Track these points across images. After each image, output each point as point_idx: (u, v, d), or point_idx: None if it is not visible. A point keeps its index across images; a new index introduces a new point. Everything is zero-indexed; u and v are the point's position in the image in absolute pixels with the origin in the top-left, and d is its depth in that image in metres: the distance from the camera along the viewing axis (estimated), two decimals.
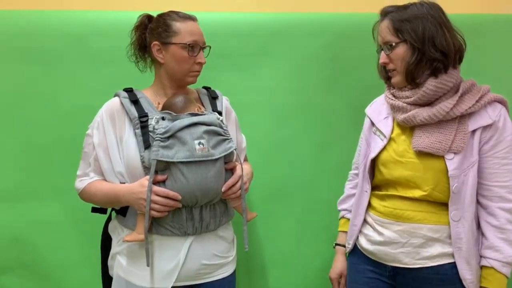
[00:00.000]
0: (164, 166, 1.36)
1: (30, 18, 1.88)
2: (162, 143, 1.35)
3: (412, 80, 1.36)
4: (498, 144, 1.32)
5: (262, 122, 1.93)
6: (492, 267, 1.31)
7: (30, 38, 1.85)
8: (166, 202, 1.34)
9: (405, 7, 1.38)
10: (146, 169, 1.37)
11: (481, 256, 1.34)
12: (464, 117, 1.33)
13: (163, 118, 1.39)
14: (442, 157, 1.32)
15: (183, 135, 1.36)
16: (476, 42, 1.92)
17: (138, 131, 1.38)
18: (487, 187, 1.34)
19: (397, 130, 1.45)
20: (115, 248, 1.47)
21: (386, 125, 1.46)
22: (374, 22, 1.45)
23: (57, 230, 1.85)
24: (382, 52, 1.40)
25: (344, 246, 1.59)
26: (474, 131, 1.33)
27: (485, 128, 1.33)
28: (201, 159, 1.35)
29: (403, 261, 1.37)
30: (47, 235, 1.84)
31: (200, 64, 1.49)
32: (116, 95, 1.49)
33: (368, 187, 1.48)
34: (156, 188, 1.34)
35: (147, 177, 1.35)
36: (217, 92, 1.62)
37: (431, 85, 1.33)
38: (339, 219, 1.65)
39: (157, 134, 1.36)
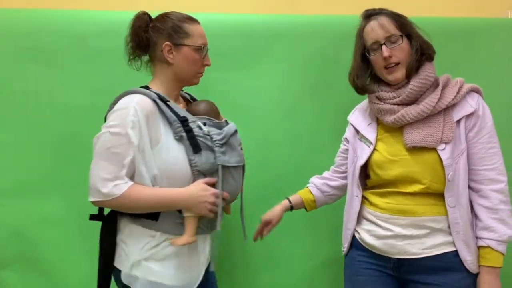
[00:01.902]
0: (214, 170, 1.40)
1: (31, 17, 1.89)
2: (221, 149, 1.41)
3: (411, 72, 1.43)
4: (482, 130, 1.41)
5: (261, 123, 1.94)
6: (488, 246, 1.37)
7: (31, 37, 1.87)
8: (221, 203, 1.41)
9: (382, 8, 1.50)
10: (197, 172, 1.38)
11: (477, 237, 1.40)
12: (448, 109, 1.41)
13: (204, 124, 1.43)
14: (434, 149, 1.39)
15: (233, 141, 1.47)
16: (470, 46, 1.97)
17: (184, 134, 1.38)
18: (477, 172, 1.41)
19: (383, 133, 1.50)
20: (139, 254, 1.37)
21: (370, 132, 1.52)
22: None
23: (57, 225, 1.86)
24: (383, 46, 1.43)
25: (291, 204, 1.68)
26: (459, 121, 1.41)
27: (468, 116, 1.41)
28: (242, 163, 1.51)
29: (410, 252, 1.41)
30: (48, 231, 1.85)
31: (206, 66, 1.52)
32: (137, 92, 1.39)
33: (359, 192, 1.52)
34: (219, 191, 1.40)
35: (203, 180, 1.38)
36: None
37: (416, 81, 1.42)
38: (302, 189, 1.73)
39: (215, 140, 1.40)
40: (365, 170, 1.54)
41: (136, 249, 1.38)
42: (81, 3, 2.01)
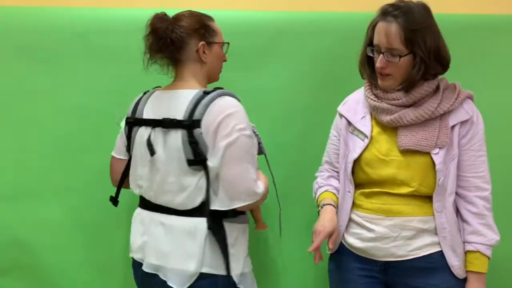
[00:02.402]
0: None
1: (29, 14, 1.87)
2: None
3: (411, 88, 1.39)
4: (474, 137, 1.42)
5: (268, 122, 1.91)
6: (477, 251, 1.39)
7: (30, 35, 1.85)
8: None
9: (408, 8, 1.36)
10: None
11: (464, 242, 1.42)
12: (444, 113, 1.40)
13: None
14: (427, 153, 1.38)
15: None
16: (486, 43, 1.93)
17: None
18: (465, 178, 1.42)
19: (376, 129, 1.47)
20: (244, 251, 1.47)
21: (365, 125, 1.48)
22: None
23: (56, 231, 1.84)
24: (381, 56, 1.38)
25: (333, 205, 1.50)
26: (453, 127, 1.41)
27: (463, 123, 1.41)
28: None
29: (396, 254, 1.41)
30: (46, 236, 1.83)
31: (224, 62, 1.57)
32: (228, 94, 1.42)
33: (351, 187, 1.50)
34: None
35: None
36: None
37: (421, 88, 1.39)
38: (322, 193, 1.57)
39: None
40: (353, 167, 1.50)
41: (242, 247, 1.46)
42: (82, 0, 1.98)
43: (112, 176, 1.61)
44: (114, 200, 1.61)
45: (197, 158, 1.36)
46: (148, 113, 1.45)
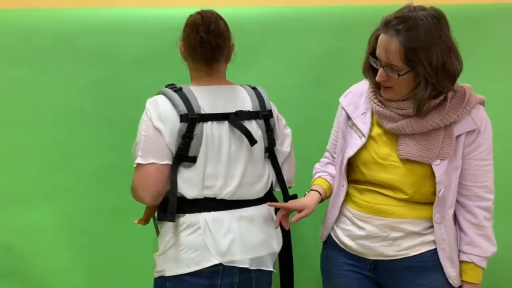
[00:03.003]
0: None
1: (18, 16, 1.85)
2: None
3: (419, 110, 1.30)
4: (479, 147, 1.35)
5: None
6: (472, 262, 1.37)
7: (18, 37, 1.82)
8: None
9: (414, 23, 1.23)
10: None
11: (460, 251, 1.40)
12: (449, 124, 1.34)
13: None
14: (427, 163, 1.34)
15: None
16: (477, 33, 1.91)
17: None
18: (467, 187, 1.38)
19: (377, 129, 1.42)
20: None
21: (364, 122, 1.43)
22: (370, 15, 1.35)
23: (47, 235, 1.82)
24: (381, 70, 1.30)
25: (322, 197, 1.50)
26: (458, 136, 1.34)
27: (469, 132, 1.35)
28: None
29: (385, 254, 1.40)
30: (37, 241, 1.81)
31: None
32: None
33: (344, 182, 1.48)
34: None
35: None
36: None
37: (428, 102, 1.31)
38: (315, 179, 1.58)
39: None
40: (349, 163, 1.48)
41: None
42: (68, 1, 1.95)
43: (149, 190, 1.37)
44: (172, 216, 1.37)
45: (270, 146, 1.48)
46: (205, 109, 1.39)
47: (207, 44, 1.39)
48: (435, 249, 1.37)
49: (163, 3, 1.48)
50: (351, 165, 1.47)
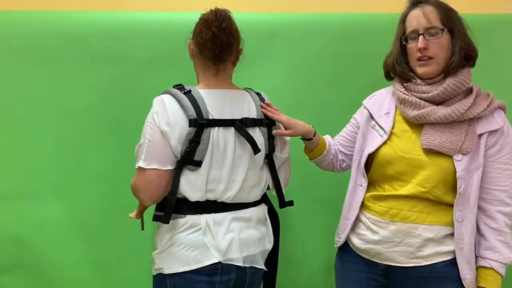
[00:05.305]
0: None
1: (30, 18, 1.87)
2: None
3: (449, 72, 1.36)
4: (502, 150, 1.35)
5: None
6: (491, 268, 1.33)
7: (30, 38, 1.85)
8: None
9: (437, 0, 1.39)
10: None
11: (478, 257, 1.36)
12: (473, 120, 1.35)
13: None
14: (450, 157, 1.34)
15: None
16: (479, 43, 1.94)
17: None
18: (488, 191, 1.36)
19: (399, 126, 1.43)
20: None
21: (387, 121, 1.45)
22: (370, 22, 1.43)
23: (57, 229, 1.84)
24: (421, 37, 1.35)
25: (312, 137, 1.57)
26: (480, 135, 1.35)
27: (491, 132, 1.35)
28: None
29: (396, 260, 1.38)
30: (47, 235, 1.83)
31: None
32: None
33: (364, 181, 1.47)
34: None
35: None
36: None
37: (451, 83, 1.34)
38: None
39: None
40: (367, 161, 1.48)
41: None
42: (81, 3, 1.98)
43: (150, 193, 1.38)
44: (167, 219, 1.37)
45: (270, 153, 1.51)
46: (213, 114, 1.39)
47: (218, 39, 1.38)
48: (450, 261, 1.35)
49: (172, 7, 1.52)
50: (369, 166, 1.47)
